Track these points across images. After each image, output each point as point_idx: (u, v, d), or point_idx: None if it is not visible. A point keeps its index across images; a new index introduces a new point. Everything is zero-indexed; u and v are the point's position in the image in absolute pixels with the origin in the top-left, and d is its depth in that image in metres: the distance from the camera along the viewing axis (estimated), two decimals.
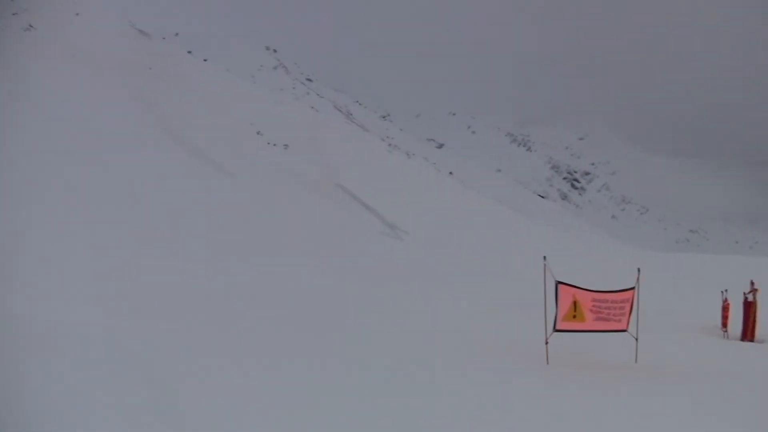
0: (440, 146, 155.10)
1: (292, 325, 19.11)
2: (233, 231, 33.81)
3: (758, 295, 28.80)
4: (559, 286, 17.83)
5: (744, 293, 29.06)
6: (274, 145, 52.42)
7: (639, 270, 19.25)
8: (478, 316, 24.99)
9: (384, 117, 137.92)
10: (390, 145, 75.66)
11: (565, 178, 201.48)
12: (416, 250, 39.30)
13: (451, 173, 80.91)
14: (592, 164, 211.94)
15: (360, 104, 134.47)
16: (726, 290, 29.81)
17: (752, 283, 29.13)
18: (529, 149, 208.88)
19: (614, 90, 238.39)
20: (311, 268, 29.57)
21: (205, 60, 78.00)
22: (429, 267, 35.17)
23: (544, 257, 18.40)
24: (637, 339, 18.64)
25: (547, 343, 17.57)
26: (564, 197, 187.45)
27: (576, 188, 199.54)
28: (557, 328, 17.78)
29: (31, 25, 50.42)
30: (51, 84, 42.67)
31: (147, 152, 40.97)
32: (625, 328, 18.31)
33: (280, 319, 19.66)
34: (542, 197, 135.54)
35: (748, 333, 28.43)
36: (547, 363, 17.24)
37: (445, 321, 23.24)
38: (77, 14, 56.68)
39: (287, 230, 36.45)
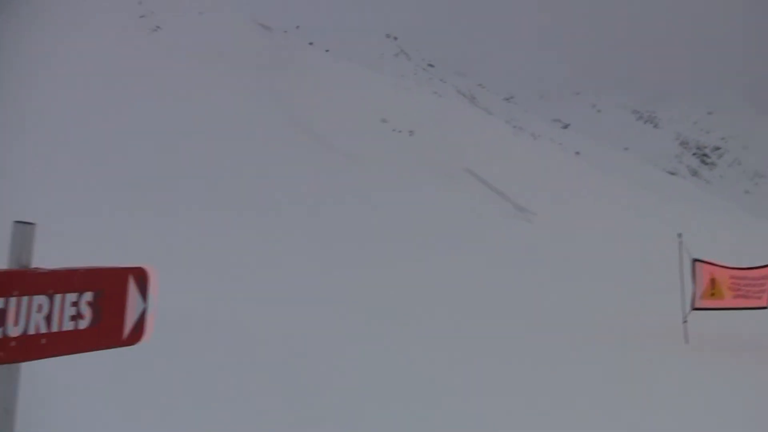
0: (565, 126, 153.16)
1: (430, 311, 19.33)
2: (360, 217, 34.26)
3: None
4: (696, 263, 17.63)
5: None
6: (399, 131, 52.64)
7: None
8: (613, 297, 24.80)
9: (507, 99, 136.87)
10: (515, 127, 75.00)
11: (694, 154, 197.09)
12: (547, 231, 39.04)
13: (577, 153, 79.90)
14: (722, 138, 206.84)
15: (483, 87, 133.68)
16: None
17: None
18: (655, 126, 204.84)
19: (743, 61, 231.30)
20: (443, 254, 29.80)
21: (326, 50, 78.82)
22: (560, 248, 34.93)
23: (679, 235, 18.20)
24: None
25: (685, 321, 17.38)
26: (694, 173, 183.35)
27: (706, 164, 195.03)
28: (696, 306, 17.59)
29: (158, 26, 51.97)
30: (184, 83, 44.01)
31: (276, 142, 41.81)
32: (765, 305, 18.00)
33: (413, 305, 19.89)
34: (672, 174, 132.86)
35: None
36: (686, 342, 17.05)
37: (578, 303, 23.15)
38: (201, 13, 58.15)
39: (416, 216, 36.69)
